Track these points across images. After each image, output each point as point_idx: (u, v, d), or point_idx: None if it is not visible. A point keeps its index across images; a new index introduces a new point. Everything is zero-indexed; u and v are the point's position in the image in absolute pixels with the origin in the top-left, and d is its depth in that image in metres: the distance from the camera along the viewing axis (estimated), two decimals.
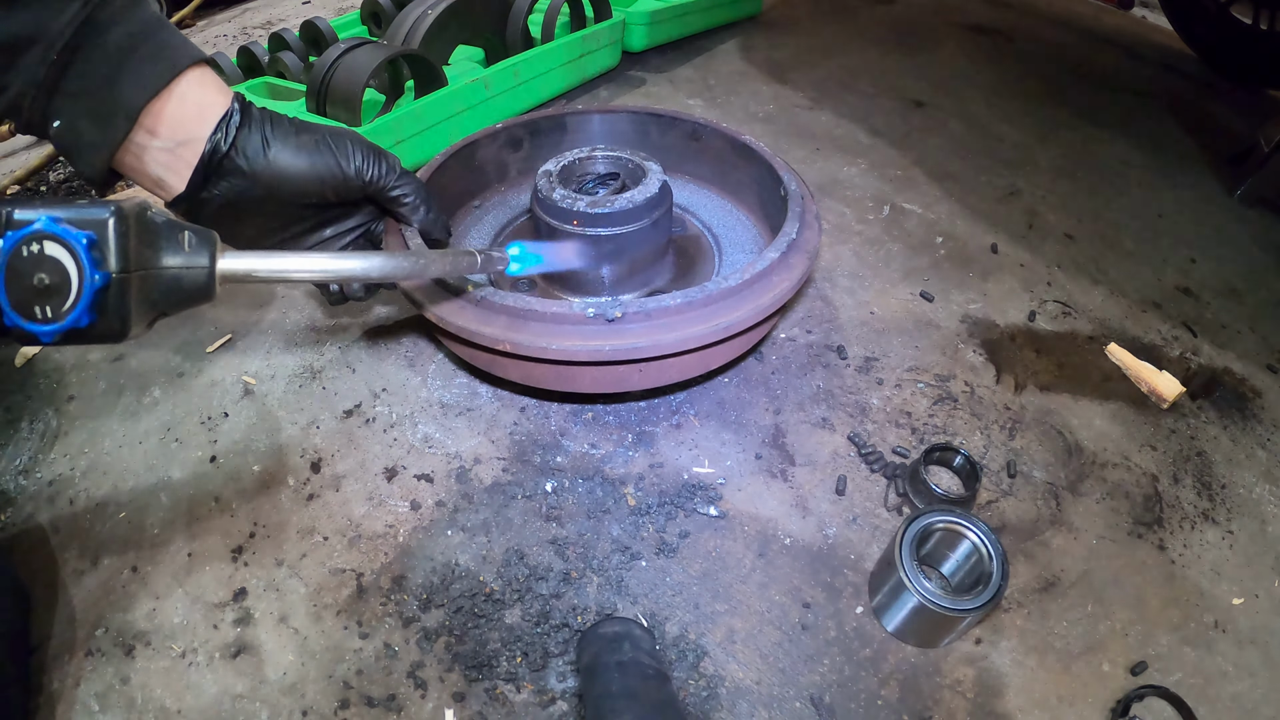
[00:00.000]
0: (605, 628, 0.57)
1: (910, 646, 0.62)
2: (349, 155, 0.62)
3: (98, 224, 0.35)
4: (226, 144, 0.56)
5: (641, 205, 0.75)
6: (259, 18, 1.90)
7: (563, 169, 0.81)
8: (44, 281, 0.34)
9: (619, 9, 1.47)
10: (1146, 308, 1.01)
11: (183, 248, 0.40)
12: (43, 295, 0.35)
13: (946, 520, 0.61)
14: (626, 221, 0.75)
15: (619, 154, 0.83)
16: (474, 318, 0.65)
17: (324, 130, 0.62)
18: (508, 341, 0.63)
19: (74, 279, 0.35)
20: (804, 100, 1.46)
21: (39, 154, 1.21)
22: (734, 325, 0.65)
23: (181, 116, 0.55)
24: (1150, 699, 0.60)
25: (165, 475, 0.72)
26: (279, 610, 0.62)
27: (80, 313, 0.35)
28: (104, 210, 0.36)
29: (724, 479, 0.73)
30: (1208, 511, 0.75)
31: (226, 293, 0.93)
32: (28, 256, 0.34)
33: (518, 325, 0.64)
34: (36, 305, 0.35)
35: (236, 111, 0.57)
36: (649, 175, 0.79)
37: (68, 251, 0.34)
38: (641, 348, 0.63)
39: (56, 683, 0.58)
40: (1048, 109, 1.52)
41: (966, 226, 1.12)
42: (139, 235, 0.38)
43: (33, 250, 0.34)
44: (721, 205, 0.97)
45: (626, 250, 0.77)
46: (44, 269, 0.34)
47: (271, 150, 0.58)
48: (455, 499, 0.70)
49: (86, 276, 0.34)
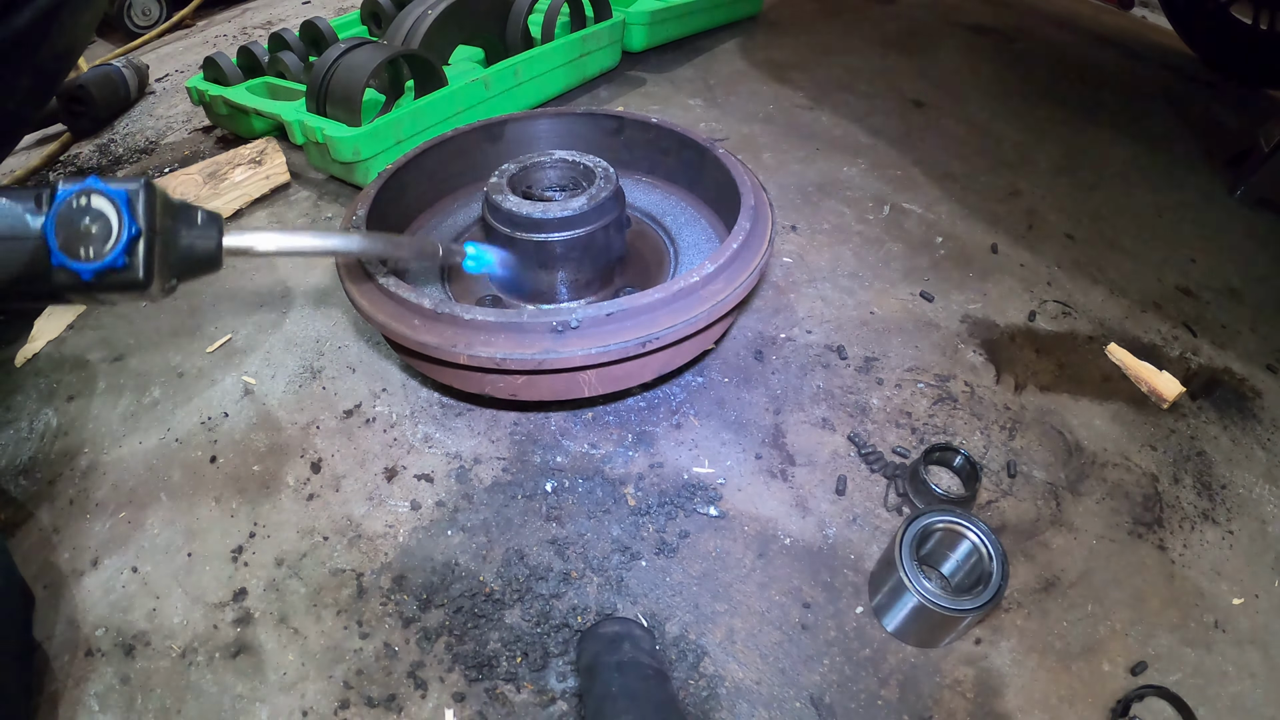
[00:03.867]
0: (605, 628, 0.57)
1: (910, 646, 0.62)
2: None
3: (132, 189, 0.43)
4: None
5: (603, 203, 0.74)
6: (259, 18, 1.90)
7: (512, 177, 0.79)
8: (89, 226, 0.42)
9: (619, 9, 1.47)
10: (1146, 308, 1.01)
11: (196, 223, 0.47)
12: (87, 238, 0.42)
13: (946, 520, 0.61)
14: (574, 226, 0.73)
15: (573, 158, 0.81)
16: (393, 314, 0.65)
17: None
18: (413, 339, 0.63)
19: (114, 225, 0.42)
20: (804, 100, 1.46)
21: (39, 154, 1.21)
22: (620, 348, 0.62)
23: None
24: (1150, 699, 0.60)
25: (165, 475, 0.72)
26: (279, 610, 0.62)
27: (118, 254, 0.42)
28: (137, 182, 0.44)
29: (724, 479, 0.73)
30: (1208, 511, 0.75)
31: (228, 293, 0.93)
32: (78, 207, 0.42)
33: (429, 325, 0.64)
34: (81, 246, 0.42)
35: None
36: (599, 179, 0.77)
37: (110, 204, 0.42)
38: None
39: (57, 683, 0.58)
40: (1048, 109, 1.52)
41: (966, 226, 1.12)
42: (163, 206, 0.45)
43: (82, 202, 0.42)
44: (678, 204, 0.95)
45: (574, 254, 0.75)
46: (90, 216, 0.42)
47: None
48: (455, 499, 0.70)
49: (126, 223, 0.42)
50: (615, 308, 0.62)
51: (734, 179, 0.80)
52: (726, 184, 0.82)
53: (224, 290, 0.93)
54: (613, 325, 0.63)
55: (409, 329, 0.64)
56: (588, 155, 0.81)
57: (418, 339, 0.63)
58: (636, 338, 0.62)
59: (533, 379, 0.67)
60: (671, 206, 0.93)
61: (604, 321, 0.62)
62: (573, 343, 0.61)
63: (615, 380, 0.69)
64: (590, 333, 0.62)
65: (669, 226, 0.90)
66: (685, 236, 0.88)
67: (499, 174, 0.79)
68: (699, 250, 0.86)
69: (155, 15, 1.88)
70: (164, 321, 0.89)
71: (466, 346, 0.62)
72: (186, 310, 0.91)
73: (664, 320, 0.64)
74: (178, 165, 1.19)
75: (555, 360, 0.61)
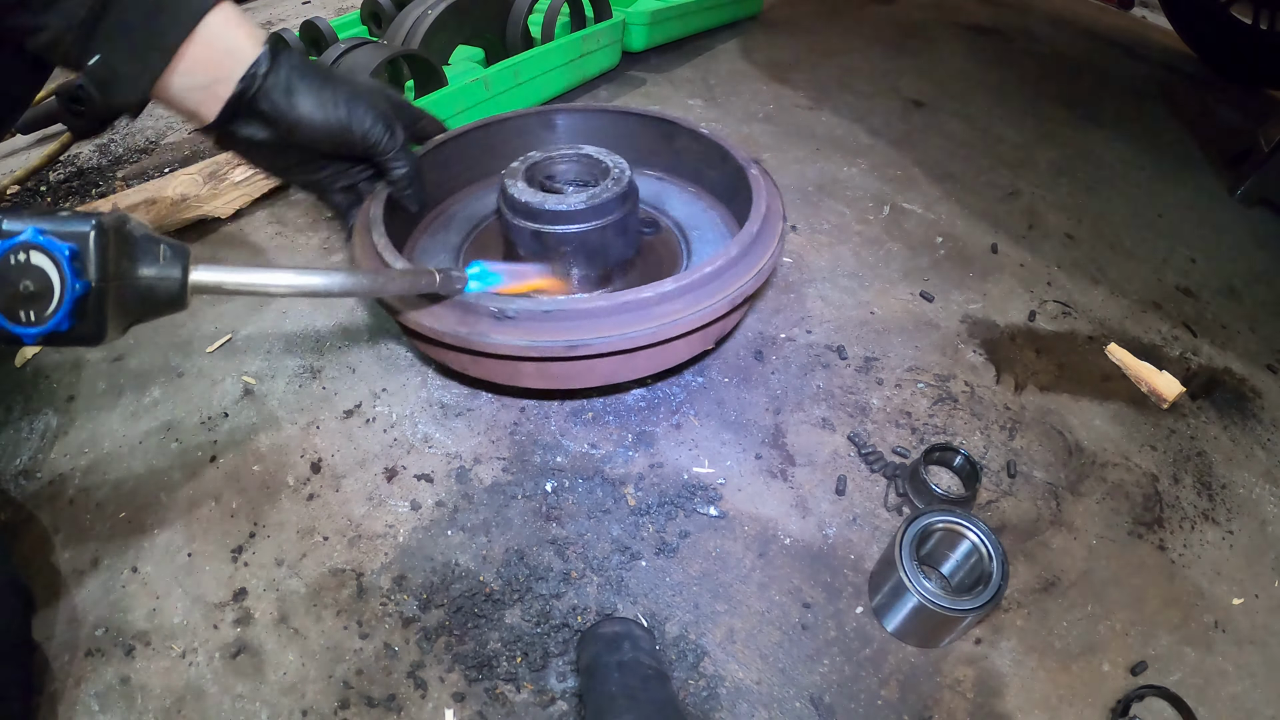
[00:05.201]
0: (605, 628, 0.57)
1: (910, 646, 0.62)
2: (360, 119, 0.66)
3: (80, 236, 0.38)
4: (254, 89, 0.61)
5: (604, 203, 0.74)
6: (259, 18, 1.90)
7: (534, 165, 0.80)
8: (29, 288, 0.37)
9: (619, 9, 1.47)
10: (1146, 308, 1.01)
11: (158, 259, 0.42)
12: (27, 300, 0.37)
13: (946, 520, 0.61)
14: (589, 219, 0.74)
15: (597, 155, 0.82)
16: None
17: (349, 88, 0.66)
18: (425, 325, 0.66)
19: (57, 286, 0.37)
20: (804, 100, 1.46)
21: (39, 154, 1.21)
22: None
23: (211, 57, 0.59)
24: (1150, 699, 0.60)
25: (165, 475, 0.72)
26: (279, 610, 0.62)
27: (61, 318, 0.37)
28: (85, 224, 0.38)
29: (724, 479, 0.73)
30: (1208, 511, 0.75)
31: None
32: (15, 265, 0.37)
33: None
34: (21, 309, 0.37)
35: (267, 58, 0.61)
36: (613, 172, 0.77)
37: (52, 261, 0.37)
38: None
39: (57, 683, 0.58)
40: (1048, 109, 1.52)
41: (966, 226, 1.12)
42: (118, 247, 0.40)
43: (20, 259, 0.37)
44: (687, 196, 0.96)
45: (586, 250, 0.76)
46: (29, 276, 0.37)
47: (294, 99, 0.63)
48: (455, 499, 0.70)
49: (68, 285, 0.37)
50: (555, 306, 0.64)
51: (750, 204, 0.78)
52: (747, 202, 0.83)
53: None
54: (550, 324, 0.65)
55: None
56: (614, 155, 0.81)
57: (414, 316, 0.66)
58: (566, 340, 0.64)
59: (477, 359, 0.70)
60: (699, 217, 0.93)
61: (540, 317, 0.64)
62: (508, 331, 0.64)
63: (555, 378, 0.71)
64: (526, 325, 0.65)
65: (691, 238, 0.90)
66: (700, 253, 0.88)
67: (522, 160, 0.80)
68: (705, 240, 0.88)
69: None
70: (164, 321, 0.89)
71: (433, 319, 0.66)
72: (186, 310, 0.91)
73: (606, 329, 0.65)
74: (178, 165, 1.19)
75: (486, 344, 0.65)
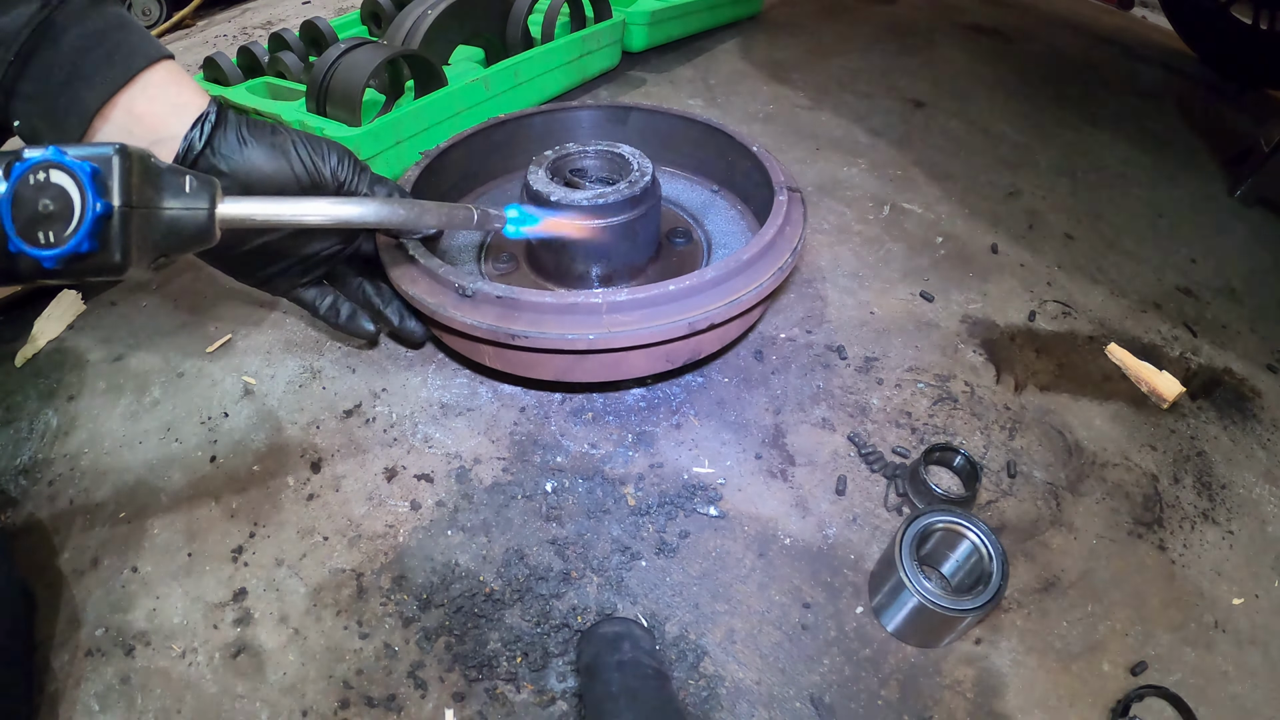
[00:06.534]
0: (605, 628, 0.57)
1: (910, 646, 0.62)
2: (324, 157, 0.65)
3: (102, 158, 0.37)
4: (201, 143, 0.58)
5: (611, 204, 0.75)
6: (259, 18, 1.90)
7: (565, 157, 0.82)
8: (48, 207, 0.36)
9: (619, 9, 1.47)
10: (1146, 308, 1.01)
11: (184, 190, 0.42)
12: (46, 221, 0.36)
13: (946, 520, 0.61)
14: (618, 212, 0.76)
15: (627, 155, 0.83)
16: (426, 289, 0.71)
17: (299, 134, 0.64)
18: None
19: (77, 205, 0.36)
20: (804, 100, 1.45)
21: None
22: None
23: (154, 114, 0.56)
24: (1150, 699, 0.60)
25: (165, 475, 0.72)
26: (279, 610, 0.62)
27: (81, 238, 0.36)
28: (109, 148, 0.38)
29: (724, 479, 0.73)
30: (1208, 511, 0.75)
31: (228, 292, 0.93)
32: (34, 184, 0.36)
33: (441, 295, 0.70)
34: (40, 230, 0.36)
35: (213, 113, 0.58)
36: (632, 175, 0.79)
37: (72, 179, 0.36)
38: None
39: (57, 683, 0.58)
40: (1048, 109, 1.52)
41: (966, 226, 1.12)
42: (141, 175, 0.39)
43: (39, 178, 0.36)
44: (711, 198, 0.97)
45: (586, 249, 0.78)
46: (48, 195, 0.36)
47: (247, 150, 0.60)
48: (455, 499, 0.70)
49: (89, 203, 0.36)
50: (507, 294, 0.66)
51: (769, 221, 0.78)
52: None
53: (224, 290, 0.93)
54: (502, 309, 0.67)
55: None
56: (644, 159, 0.82)
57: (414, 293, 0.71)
58: (510, 329, 0.66)
59: (442, 332, 0.74)
60: (736, 237, 0.93)
61: (494, 302, 0.67)
62: (467, 310, 0.68)
63: (511, 364, 0.74)
64: (484, 308, 0.68)
65: (715, 256, 0.90)
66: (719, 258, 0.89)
67: (555, 150, 0.81)
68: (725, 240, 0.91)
69: (155, 15, 1.88)
70: (164, 321, 0.89)
71: (410, 284, 0.71)
72: (187, 310, 0.91)
73: (552, 326, 0.66)
74: None
75: (446, 318, 0.68)
